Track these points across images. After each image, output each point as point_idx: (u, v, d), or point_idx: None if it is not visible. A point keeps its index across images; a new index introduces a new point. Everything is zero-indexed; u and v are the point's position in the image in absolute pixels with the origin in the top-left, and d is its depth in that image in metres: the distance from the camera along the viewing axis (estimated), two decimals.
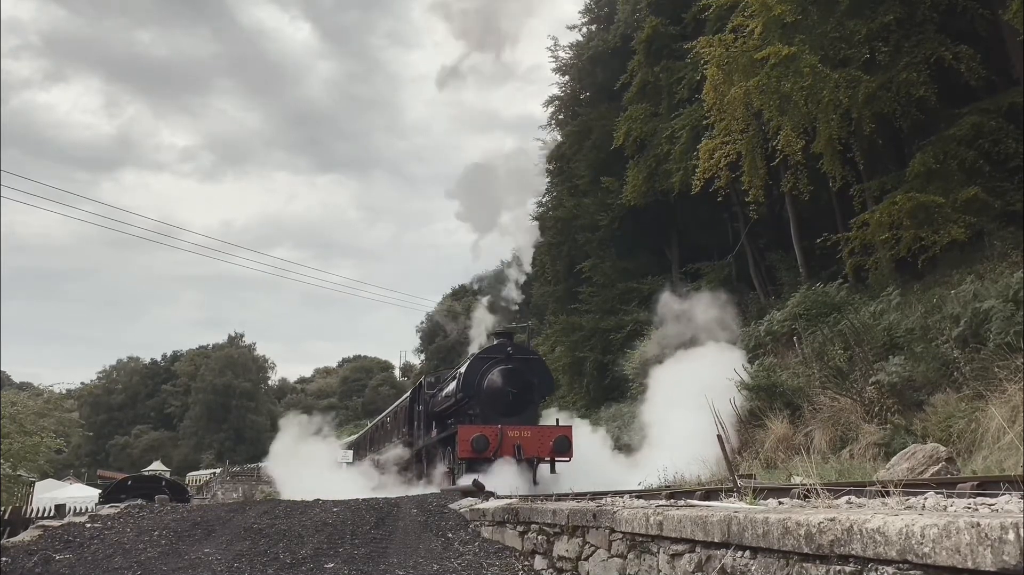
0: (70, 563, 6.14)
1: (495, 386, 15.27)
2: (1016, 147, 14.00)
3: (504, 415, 14.89)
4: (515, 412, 15.10)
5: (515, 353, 15.86)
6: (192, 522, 7.59)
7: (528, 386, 15.51)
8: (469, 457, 14.08)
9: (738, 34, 16.70)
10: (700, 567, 3.48)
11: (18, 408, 25.63)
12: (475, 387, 15.32)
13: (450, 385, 16.98)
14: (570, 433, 14.83)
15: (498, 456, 14.01)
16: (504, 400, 15.18)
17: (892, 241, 14.78)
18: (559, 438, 14.55)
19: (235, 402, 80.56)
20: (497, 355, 15.75)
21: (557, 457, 14.58)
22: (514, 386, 15.27)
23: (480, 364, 15.65)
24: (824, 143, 15.69)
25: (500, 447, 14.02)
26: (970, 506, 3.01)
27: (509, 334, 16.86)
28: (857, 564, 2.51)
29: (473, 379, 15.37)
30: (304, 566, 5.76)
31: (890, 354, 12.13)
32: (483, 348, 16.86)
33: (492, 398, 15.17)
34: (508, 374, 15.36)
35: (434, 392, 18.78)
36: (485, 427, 14.30)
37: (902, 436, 10.05)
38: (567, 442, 14.57)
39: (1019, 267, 11.81)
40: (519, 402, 15.27)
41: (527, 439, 14.38)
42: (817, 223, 19.07)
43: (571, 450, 14.52)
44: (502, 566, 5.69)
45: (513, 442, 14.18)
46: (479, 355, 16.06)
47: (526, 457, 14.23)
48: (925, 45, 14.81)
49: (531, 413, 15.56)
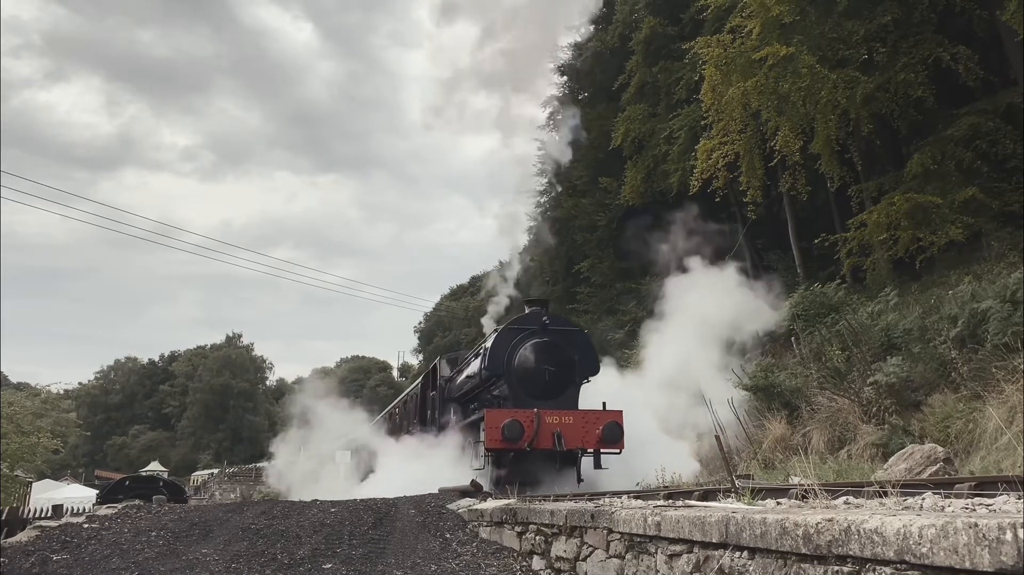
0: (67, 563, 6.13)
1: (528, 363, 12.70)
2: (1014, 147, 14.03)
3: (539, 398, 12.41)
4: (552, 395, 12.59)
5: (552, 324, 13.17)
6: (190, 522, 7.57)
7: (568, 363, 12.87)
8: (498, 447, 11.68)
9: (736, 34, 16.72)
10: (698, 567, 3.48)
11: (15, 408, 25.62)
12: (504, 364, 12.77)
13: (472, 364, 14.45)
14: (621, 419, 12.17)
15: (534, 447, 11.63)
16: (539, 380, 12.61)
17: (890, 241, 14.81)
18: (609, 424, 11.97)
19: (233, 402, 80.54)
20: (530, 326, 13.08)
21: (606, 448, 12.11)
22: (551, 363, 12.69)
23: (510, 337, 12.99)
24: (822, 143, 15.71)
25: (537, 436, 11.59)
26: (968, 506, 3.01)
27: (544, 302, 14.17)
28: (855, 564, 2.51)
29: (501, 355, 12.82)
30: (302, 566, 5.75)
31: (888, 354, 12.14)
32: (512, 319, 14.14)
33: (525, 377, 12.66)
34: (544, 349, 12.81)
35: (452, 375, 16.41)
36: (518, 411, 11.92)
37: (900, 436, 10.06)
38: (618, 429, 11.99)
39: (1016, 267, 11.82)
40: (557, 382, 12.69)
41: (569, 426, 11.88)
42: (815, 223, 19.09)
43: (622, 440, 12.04)
44: (500, 566, 5.69)
45: (552, 429, 11.73)
46: (509, 326, 13.32)
47: (567, 448, 11.76)
48: (923, 46, 14.83)
49: (571, 396, 12.85)
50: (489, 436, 11.65)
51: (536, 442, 11.60)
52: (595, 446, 12.06)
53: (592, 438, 11.97)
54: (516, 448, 11.61)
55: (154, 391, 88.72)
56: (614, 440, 11.96)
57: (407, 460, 15.80)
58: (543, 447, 11.65)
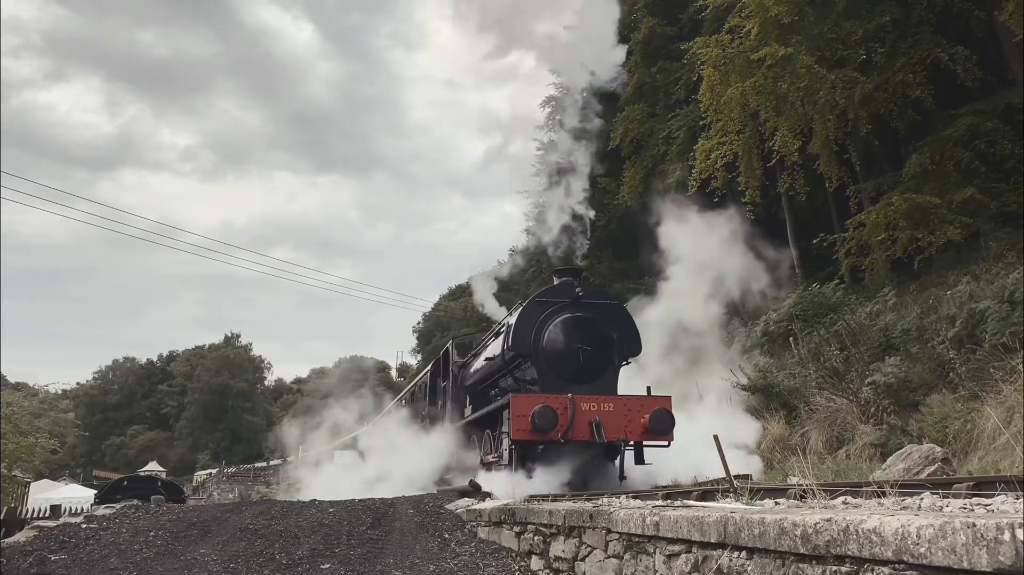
0: (65, 564, 6.12)
1: (559, 342, 11.01)
2: (1012, 148, 14.04)
3: (571, 382, 10.75)
4: (587, 378, 10.92)
5: (586, 296, 11.45)
6: (188, 522, 7.57)
7: (605, 342, 11.15)
8: (527, 439, 10.04)
9: (735, 35, 16.74)
10: (696, 567, 3.48)
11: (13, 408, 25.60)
12: (531, 343, 11.09)
13: (492, 345, 12.76)
14: (670, 405, 10.58)
15: (568, 438, 9.99)
16: (572, 361, 10.91)
17: (888, 242, 14.81)
18: (658, 412, 10.26)
19: (231, 402, 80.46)
20: (561, 299, 11.35)
21: (653, 439, 10.43)
22: (586, 341, 11.00)
23: (537, 311, 11.29)
24: (820, 144, 15.72)
25: (572, 425, 9.96)
26: (966, 506, 3.01)
27: (576, 270, 12.16)
28: (853, 564, 2.51)
29: (527, 332, 11.14)
30: (300, 567, 5.75)
31: (886, 355, 12.15)
32: (540, 290, 12.42)
33: (555, 358, 11.00)
34: (577, 325, 11.11)
35: (466, 359, 14.69)
36: (550, 396, 10.24)
37: (898, 436, 10.07)
38: (669, 418, 10.33)
39: (1014, 267, 11.83)
40: (593, 364, 10.98)
41: (609, 414, 10.22)
42: (813, 224, 19.10)
43: (672, 430, 10.39)
44: (499, 566, 5.69)
45: (589, 417, 10.09)
46: (536, 299, 11.61)
47: (608, 439, 10.12)
48: (921, 46, 14.84)
49: (609, 380, 11.16)
50: (516, 425, 9.94)
51: (571, 433, 9.97)
52: (640, 437, 10.40)
53: (636, 428, 10.27)
54: (548, 440, 10.03)
55: (152, 391, 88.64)
56: (663, 430, 10.26)
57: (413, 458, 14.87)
58: (578, 439, 10.05)
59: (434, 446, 14.40)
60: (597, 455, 10.61)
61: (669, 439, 10.35)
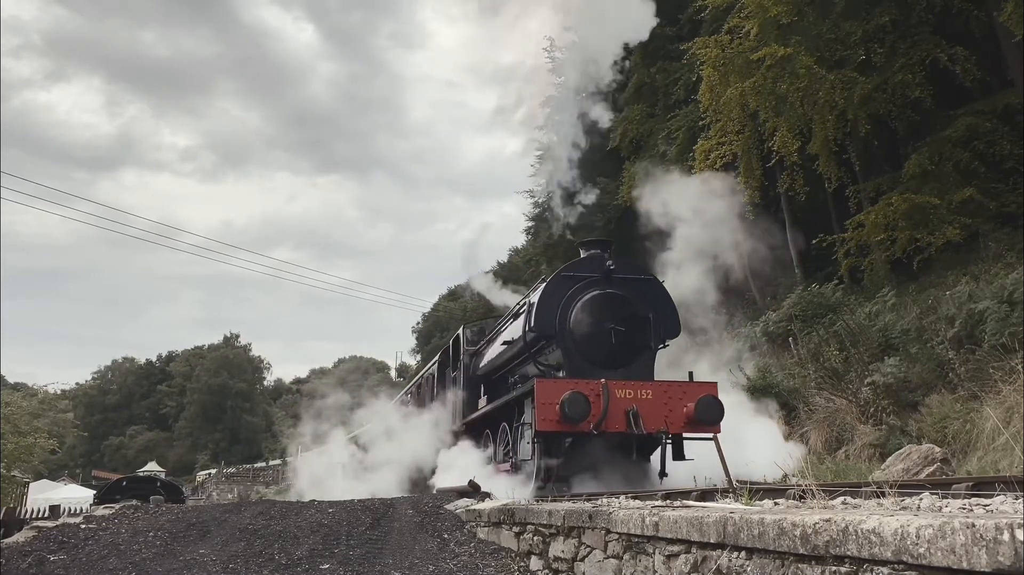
0: (64, 564, 6.12)
1: (588, 321, 9.79)
2: (1011, 148, 14.05)
3: (602, 367, 9.52)
4: (620, 362, 9.72)
5: (618, 271, 10.14)
6: (187, 523, 7.56)
7: (640, 322, 9.91)
8: (555, 430, 8.84)
9: (734, 35, 16.75)
10: (696, 568, 3.48)
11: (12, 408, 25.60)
12: (556, 323, 9.84)
13: (510, 327, 11.47)
14: (716, 392, 9.49)
15: (601, 429, 8.81)
16: (603, 343, 9.69)
17: (887, 242, 14.82)
18: (704, 399, 9.11)
19: (230, 403, 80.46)
20: (590, 274, 10.12)
21: (698, 430, 9.17)
22: (619, 321, 9.75)
23: (563, 287, 10.04)
24: (820, 144, 15.72)
25: (606, 415, 8.79)
26: (965, 507, 3.01)
27: (606, 242, 10.92)
28: (852, 565, 2.51)
29: (552, 311, 9.88)
30: (300, 567, 5.75)
31: (885, 355, 12.16)
32: (566, 264, 11.11)
33: (584, 340, 9.77)
34: (608, 303, 9.89)
35: (479, 347, 13.46)
36: (580, 382, 9.02)
37: (897, 437, 10.08)
38: (718, 406, 9.18)
39: (1014, 268, 11.84)
40: (627, 347, 9.77)
41: (648, 402, 9.04)
42: (813, 224, 19.11)
43: (721, 419, 9.24)
44: (498, 567, 5.69)
45: (625, 406, 8.91)
46: (562, 273, 10.35)
47: (648, 431, 8.91)
48: (920, 47, 14.85)
49: (644, 365, 9.98)
50: (541, 415, 8.75)
51: (604, 423, 8.79)
52: (682, 428, 9.18)
53: (678, 418, 9.09)
54: (578, 431, 8.85)
55: (151, 391, 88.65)
56: (711, 420, 9.06)
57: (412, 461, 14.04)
58: (613, 430, 8.88)
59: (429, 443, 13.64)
60: (631, 449, 9.33)
61: (716, 430, 9.10)
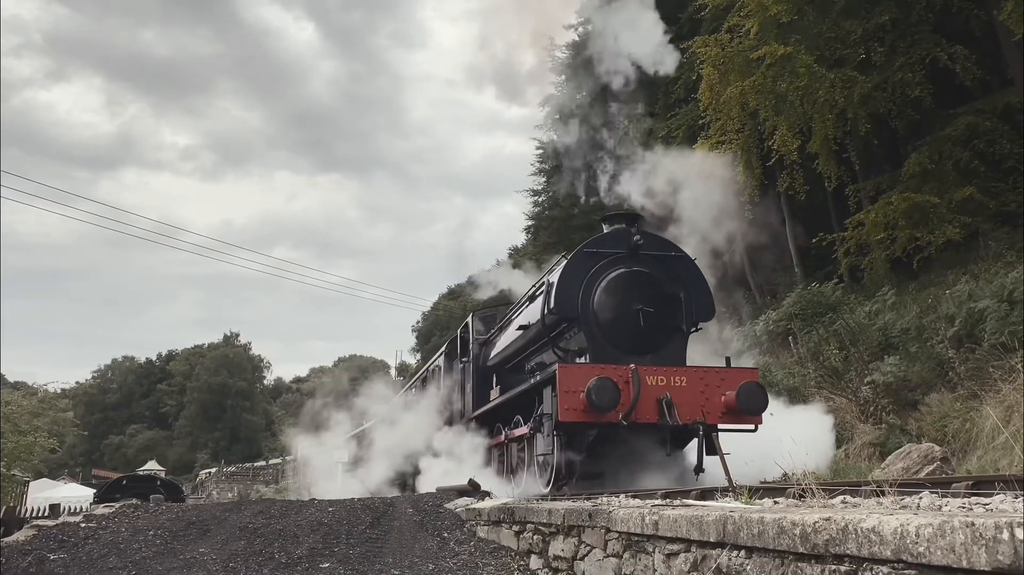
0: (64, 563, 6.12)
1: (613, 302, 8.93)
2: (1011, 147, 14.06)
3: (629, 352, 8.66)
4: (649, 347, 8.85)
5: (645, 247, 9.22)
6: (187, 522, 7.57)
7: (671, 302, 9.05)
8: (579, 420, 8.06)
9: (734, 34, 16.74)
10: (695, 567, 3.48)
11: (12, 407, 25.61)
12: (578, 304, 8.96)
13: (526, 311, 10.49)
14: (758, 379, 8.77)
15: (630, 420, 7.99)
16: (630, 326, 8.82)
17: (887, 241, 14.82)
18: (747, 386, 8.30)
19: (230, 402, 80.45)
20: (615, 250, 9.22)
21: (739, 420, 8.37)
22: (647, 301, 8.86)
23: (586, 265, 9.16)
24: (820, 143, 15.72)
25: (636, 404, 8.01)
26: (965, 506, 3.01)
27: (633, 215, 9.80)
28: (852, 564, 2.51)
29: (574, 291, 9.00)
30: (299, 566, 5.75)
31: (885, 354, 12.16)
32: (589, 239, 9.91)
33: (609, 323, 8.92)
34: (636, 282, 9.02)
35: (490, 335, 12.63)
36: (607, 367, 8.21)
37: (897, 436, 10.08)
38: (761, 393, 8.39)
39: (1014, 267, 11.84)
40: (656, 330, 8.91)
41: (682, 390, 8.23)
42: (813, 223, 19.11)
43: (765, 409, 8.44)
44: (498, 566, 5.69)
45: (657, 394, 8.13)
46: (584, 249, 9.40)
47: (683, 422, 8.04)
48: (920, 45, 14.85)
49: (675, 350, 9.08)
50: (564, 404, 7.95)
51: (634, 413, 8.01)
52: (720, 419, 8.34)
53: (715, 407, 8.26)
54: (606, 422, 8.03)
55: (151, 390, 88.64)
56: (755, 409, 8.27)
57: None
58: (643, 421, 8.09)
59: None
60: (664, 443, 8.51)
61: (758, 421, 8.40)
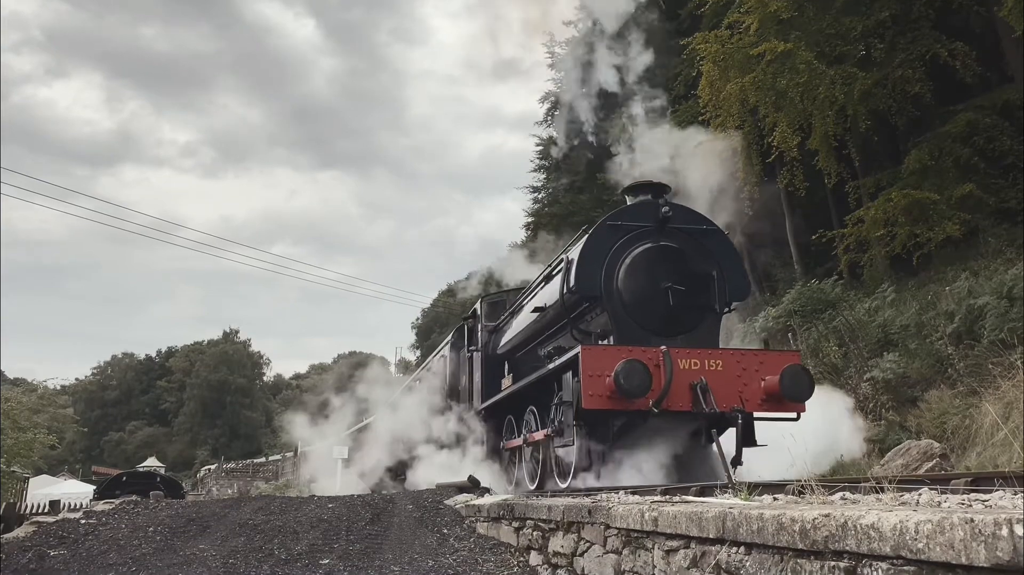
0: (64, 559, 6.13)
1: (640, 280, 8.13)
2: (1011, 144, 14.05)
3: (658, 334, 7.89)
4: (679, 328, 8.08)
5: (675, 220, 8.41)
6: (187, 518, 7.57)
7: (702, 280, 8.26)
8: (605, 407, 7.24)
9: (734, 30, 16.72)
10: (695, 563, 3.49)
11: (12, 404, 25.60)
12: (601, 282, 8.15)
13: (543, 291, 9.65)
14: (800, 362, 7.93)
15: (660, 407, 7.15)
16: (659, 306, 8.04)
17: (887, 238, 14.82)
18: (791, 369, 7.51)
19: (230, 398, 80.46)
20: (641, 223, 8.42)
21: (780, 408, 7.58)
22: (677, 279, 8.05)
23: (609, 240, 8.37)
24: (819, 139, 15.71)
25: (668, 390, 7.18)
26: (964, 502, 3.01)
27: (661, 186, 8.91)
28: (851, 560, 2.52)
29: (596, 268, 8.21)
30: (299, 562, 5.75)
31: (885, 350, 12.16)
32: (612, 212, 9.19)
33: (636, 302, 8.13)
34: (664, 258, 8.25)
35: (500, 322, 11.82)
36: (634, 348, 7.41)
37: (896, 432, 10.09)
38: (806, 378, 7.64)
39: (1013, 263, 11.84)
40: (687, 309, 8.10)
41: (718, 374, 7.46)
42: (812, 220, 19.10)
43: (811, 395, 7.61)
44: (497, 562, 5.70)
45: (690, 378, 7.35)
46: (607, 222, 8.58)
47: (720, 409, 7.20)
48: (920, 42, 14.84)
49: (708, 331, 8.31)
50: (588, 388, 7.18)
51: (666, 400, 7.20)
52: (760, 406, 7.56)
53: (755, 394, 7.48)
54: (634, 408, 7.21)
55: (151, 387, 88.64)
56: (800, 395, 7.49)
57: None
58: (675, 408, 7.31)
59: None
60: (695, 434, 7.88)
61: (801, 409, 7.62)
